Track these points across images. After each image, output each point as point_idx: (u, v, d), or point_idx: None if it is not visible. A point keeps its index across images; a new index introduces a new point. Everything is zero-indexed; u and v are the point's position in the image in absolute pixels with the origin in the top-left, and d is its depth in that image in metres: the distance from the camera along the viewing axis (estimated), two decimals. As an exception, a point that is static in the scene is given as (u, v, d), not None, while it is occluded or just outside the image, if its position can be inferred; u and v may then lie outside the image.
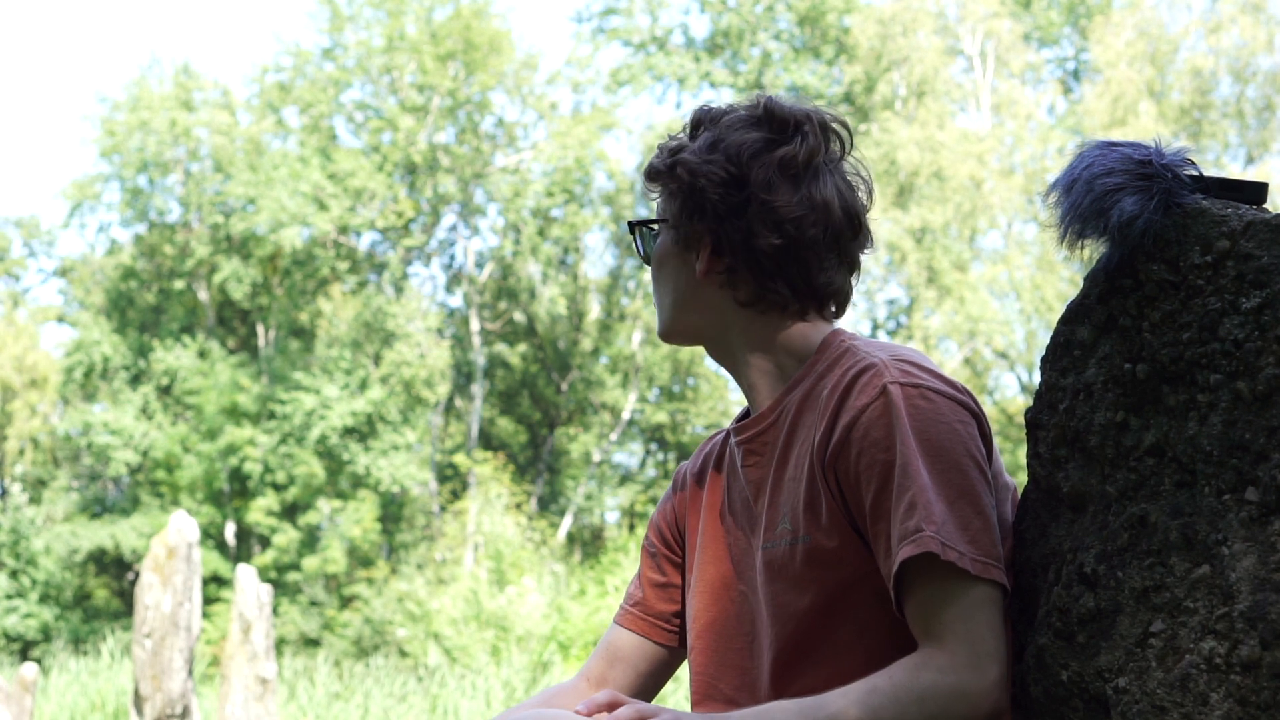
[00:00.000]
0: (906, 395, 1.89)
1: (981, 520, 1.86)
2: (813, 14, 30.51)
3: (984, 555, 1.84)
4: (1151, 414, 1.78)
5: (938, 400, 1.90)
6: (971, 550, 1.83)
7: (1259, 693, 1.63)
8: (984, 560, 1.84)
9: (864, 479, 1.89)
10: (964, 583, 1.83)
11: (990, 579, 1.84)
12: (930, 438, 1.88)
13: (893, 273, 27.61)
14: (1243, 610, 1.64)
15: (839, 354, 2.01)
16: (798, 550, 1.97)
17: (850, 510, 1.93)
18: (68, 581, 26.65)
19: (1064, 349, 1.91)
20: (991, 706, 1.83)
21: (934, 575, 1.83)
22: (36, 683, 10.02)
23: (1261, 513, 1.65)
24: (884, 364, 1.93)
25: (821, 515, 1.94)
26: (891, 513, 1.86)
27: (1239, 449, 1.68)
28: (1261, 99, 26.74)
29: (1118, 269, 1.83)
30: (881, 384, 1.90)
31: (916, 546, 1.82)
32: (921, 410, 1.89)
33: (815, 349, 2.03)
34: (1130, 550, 1.76)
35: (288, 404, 26.73)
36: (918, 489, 1.84)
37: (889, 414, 1.88)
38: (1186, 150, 1.83)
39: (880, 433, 1.88)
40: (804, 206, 2.00)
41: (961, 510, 1.85)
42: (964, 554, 1.82)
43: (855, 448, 1.90)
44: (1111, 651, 1.76)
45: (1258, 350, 1.69)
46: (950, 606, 1.83)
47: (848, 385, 1.93)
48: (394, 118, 28.46)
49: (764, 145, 2.01)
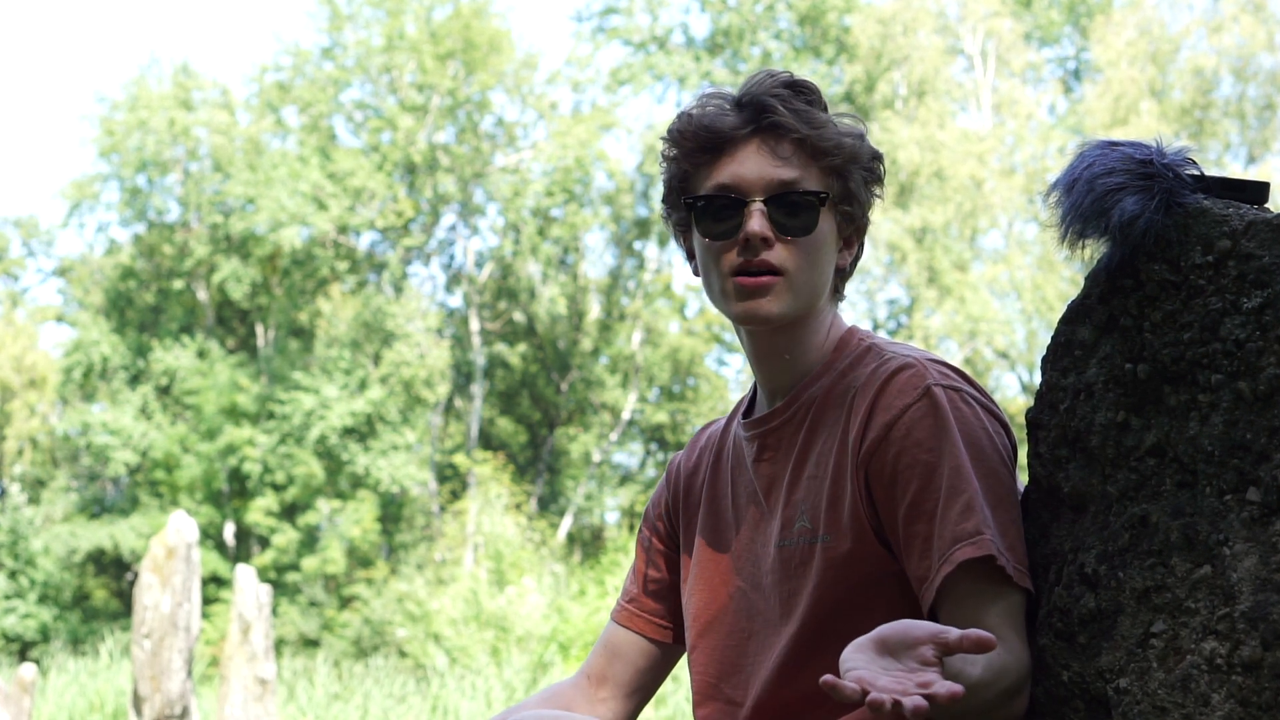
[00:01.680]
0: (950, 398, 1.90)
1: (1017, 528, 1.88)
2: (813, 13, 30.53)
3: (1021, 563, 1.86)
4: (1152, 414, 1.78)
5: (976, 406, 1.93)
6: (1012, 558, 1.85)
7: (1260, 693, 1.63)
8: (1021, 568, 1.86)
9: (902, 478, 1.89)
10: (1008, 588, 1.85)
11: (1025, 587, 1.86)
12: (974, 441, 1.89)
13: (893, 272, 27.62)
14: (1244, 611, 1.64)
15: (860, 352, 2.01)
16: (815, 549, 1.96)
17: (877, 510, 1.92)
18: (66, 582, 26.65)
19: (1065, 349, 1.91)
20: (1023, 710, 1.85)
21: (984, 579, 1.84)
22: (35, 683, 10.01)
23: (1263, 513, 1.65)
24: (923, 365, 1.93)
25: (844, 515, 1.94)
26: (938, 514, 1.85)
27: (1240, 449, 1.68)
28: (1263, 98, 26.74)
29: (1119, 269, 1.83)
30: (925, 384, 1.90)
31: (978, 548, 1.82)
32: (964, 414, 1.90)
33: (835, 344, 2.04)
34: (1131, 550, 1.76)
35: (287, 404, 26.74)
36: (972, 492, 1.85)
37: (934, 415, 1.89)
38: (1188, 150, 1.83)
39: (923, 433, 1.88)
40: None
41: (1002, 516, 1.87)
42: (1009, 561, 1.84)
43: (895, 446, 1.89)
44: (1113, 652, 1.76)
45: (1259, 350, 1.69)
46: (997, 609, 1.84)
47: (883, 383, 1.93)
48: (393, 117, 28.47)
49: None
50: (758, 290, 1.97)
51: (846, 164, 2.00)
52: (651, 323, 29.29)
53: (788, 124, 1.97)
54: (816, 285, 2.00)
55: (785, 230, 1.97)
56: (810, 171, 1.98)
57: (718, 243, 1.99)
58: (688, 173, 2.03)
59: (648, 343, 29.25)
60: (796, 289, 1.98)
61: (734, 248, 1.98)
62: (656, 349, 29.21)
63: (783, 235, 1.97)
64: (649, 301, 29.40)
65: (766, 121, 1.97)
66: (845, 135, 2.00)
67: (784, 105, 1.97)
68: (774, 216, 1.97)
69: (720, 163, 1.99)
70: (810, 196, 1.97)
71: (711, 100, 2.03)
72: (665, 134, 2.06)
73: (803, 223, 1.97)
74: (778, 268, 1.97)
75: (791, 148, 1.97)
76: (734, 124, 1.99)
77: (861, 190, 2.02)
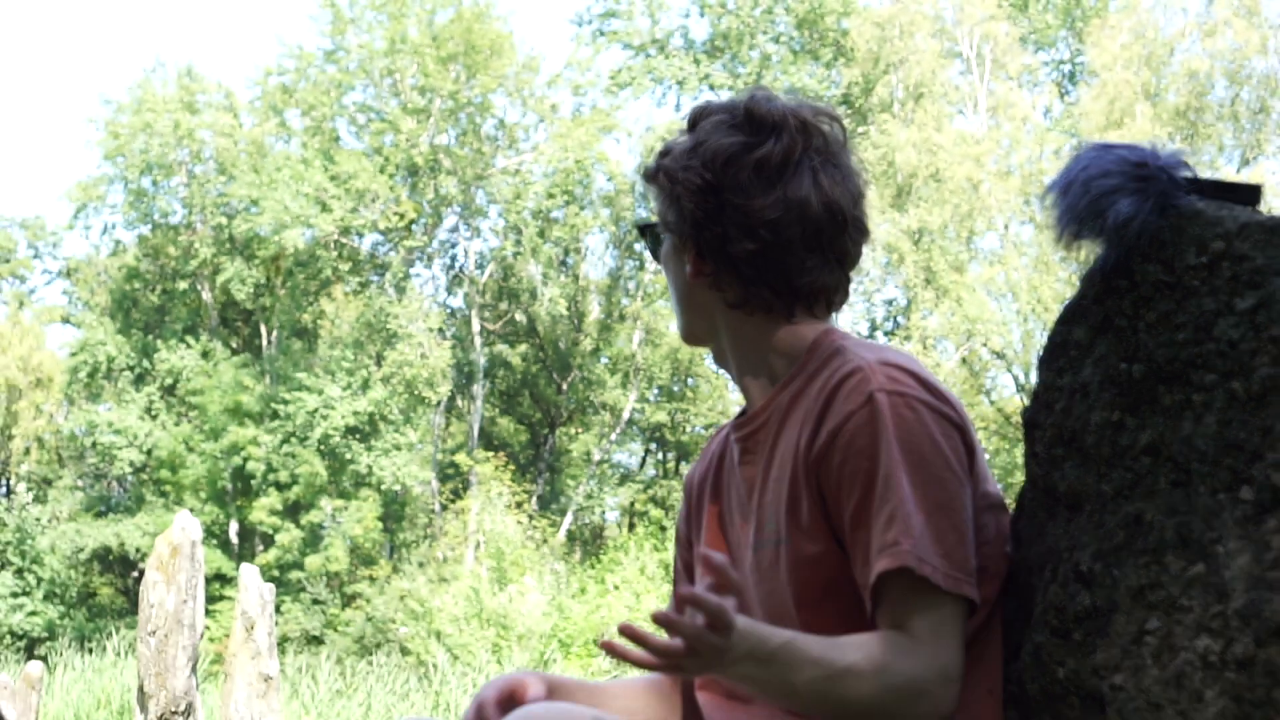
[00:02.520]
0: (892, 404, 1.87)
1: (957, 534, 1.85)
2: (811, 16, 30.48)
3: (956, 569, 1.84)
4: (1147, 414, 1.78)
5: (922, 410, 1.88)
6: (945, 565, 1.83)
7: (1253, 690, 1.63)
8: (956, 575, 1.83)
9: (846, 487, 1.88)
10: (935, 596, 1.83)
11: (960, 594, 1.84)
12: (913, 448, 1.86)
13: (890, 274, 27.58)
14: (1237, 608, 1.64)
15: (829, 354, 1.98)
16: (781, 552, 1.96)
17: (830, 515, 1.92)
18: (73, 580, 26.65)
19: (1061, 349, 1.91)
20: (945, 710, 1.84)
21: (908, 588, 1.83)
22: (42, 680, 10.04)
23: (1256, 511, 1.65)
24: (871, 369, 1.90)
25: (803, 518, 1.94)
26: (872, 523, 1.85)
27: (1234, 448, 1.68)
28: (1256, 101, 26.71)
29: (1114, 270, 1.83)
30: (868, 391, 1.88)
31: (893, 559, 1.82)
32: (906, 420, 1.86)
33: (806, 349, 2.01)
34: (1126, 549, 1.77)
35: (290, 404, 26.71)
36: (898, 501, 1.83)
37: (874, 422, 1.86)
38: (1182, 152, 1.84)
39: (864, 441, 1.87)
40: (779, 208, 1.97)
41: (939, 523, 1.84)
42: (937, 568, 1.82)
43: (839, 455, 1.88)
44: (1107, 649, 1.76)
45: (1252, 350, 1.69)
46: (921, 617, 1.83)
47: (834, 389, 1.91)
48: (396, 120, 28.43)
49: (740, 149, 1.98)
50: None
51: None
52: (651, 323, 29.26)
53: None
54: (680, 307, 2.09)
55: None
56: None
57: None
58: None
59: (648, 343, 29.22)
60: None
61: None
62: (656, 349, 29.18)
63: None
64: (649, 302, 29.37)
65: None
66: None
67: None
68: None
69: None
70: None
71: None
72: None
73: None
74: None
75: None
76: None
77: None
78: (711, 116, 2.03)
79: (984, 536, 1.93)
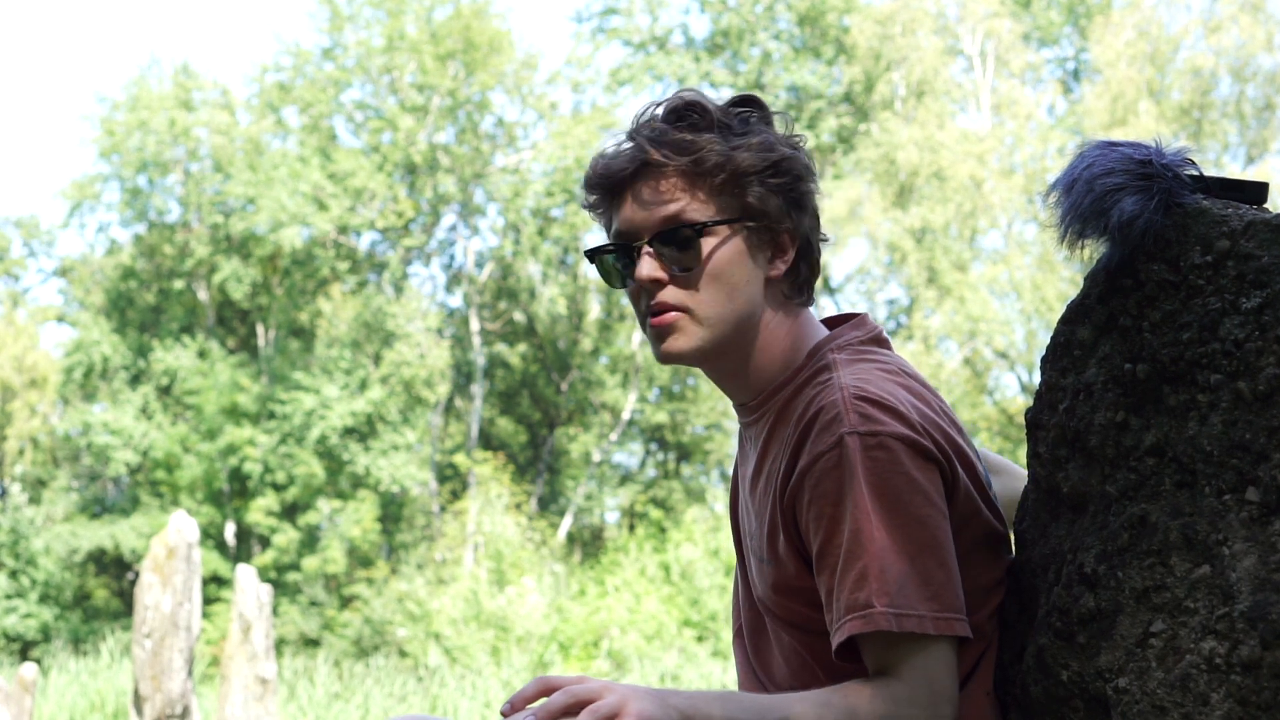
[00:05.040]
0: (864, 445, 1.82)
1: (944, 573, 1.82)
2: (812, 14, 30.51)
3: (946, 610, 1.81)
4: (1152, 414, 1.77)
5: (896, 448, 1.82)
6: (933, 608, 1.80)
7: (1259, 693, 1.62)
8: (946, 617, 1.81)
9: (813, 527, 1.85)
10: (923, 642, 1.81)
11: (951, 635, 1.82)
12: (888, 492, 1.81)
13: (893, 273, 27.62)
14: (1243, 610, 1.64)
15: (819, 368, 1.95)
16: (765, 571, 1.96)
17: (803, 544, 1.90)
18: (67, 581, 26.64)
19: (1064, 349, 1.90)
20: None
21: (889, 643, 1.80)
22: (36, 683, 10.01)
23: (1262, 513, 1.65)
24: (845, 406, 1.85)
25: (779, 545, 1.92)
26: (838, 576, 1.82)
27: (1239, 449, 1.68)
28: (1261, 98, 26.73)
29: (1118, 269, 1.83)
30: (839, 433, 1.83)
31: (866, 624, 1.79)
32: (879, 462, 1.82)
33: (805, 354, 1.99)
34: (1130, 550, 1.76)
35: (287, 404, 26.73)
36: (870, 557, 1.80)
37: (841, 468, 1.82)
38: (1187, 150, 1.83)
39: (830, 485, 1.83)
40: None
41: (924, 565, 1.81)
42: (924, 616, 1.79)
43: (807, 494, 1.85)
44: (1112, 651, 1.76)
45: (1258, 350, 1.68)
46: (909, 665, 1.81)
47: (809, 422, 1.88)
48: (394, 117, 28.46)
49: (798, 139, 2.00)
50: (664, 329, 1.94)
51: (737, 179, 1.92)
52: (652, 323, 29.26)
53: (660, 159, 1.92)
54: (727, 313, 1.94)
55: (677, 265, 1.93)
56: (696, 198, 1.92)
57: (628, 292, 1.99)
58: (606, 224, 2.01)
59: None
60: (706, 320, 1.94)
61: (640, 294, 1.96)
62: (656, 349, 29.18)
63: (676, 271, 1.93)
64: (648, 304, 29.37)
65: (641, 161, 1.93)
66: (735, 149, 1.93)
67: (659, 140, 1.93)
68: (665, 254, 1.93)
69: (620, 208, 1.96)
70: (689, 229, 1.92)
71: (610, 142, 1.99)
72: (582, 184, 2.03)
73: (689, 257, 1.93)
74: (676, 306, 1.93)
75: (671, 180, 1.93)
76: (621, 166, 1.94)
77: (769, 200, 1.94)
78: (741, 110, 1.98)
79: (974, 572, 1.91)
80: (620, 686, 1.69)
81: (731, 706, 1.74)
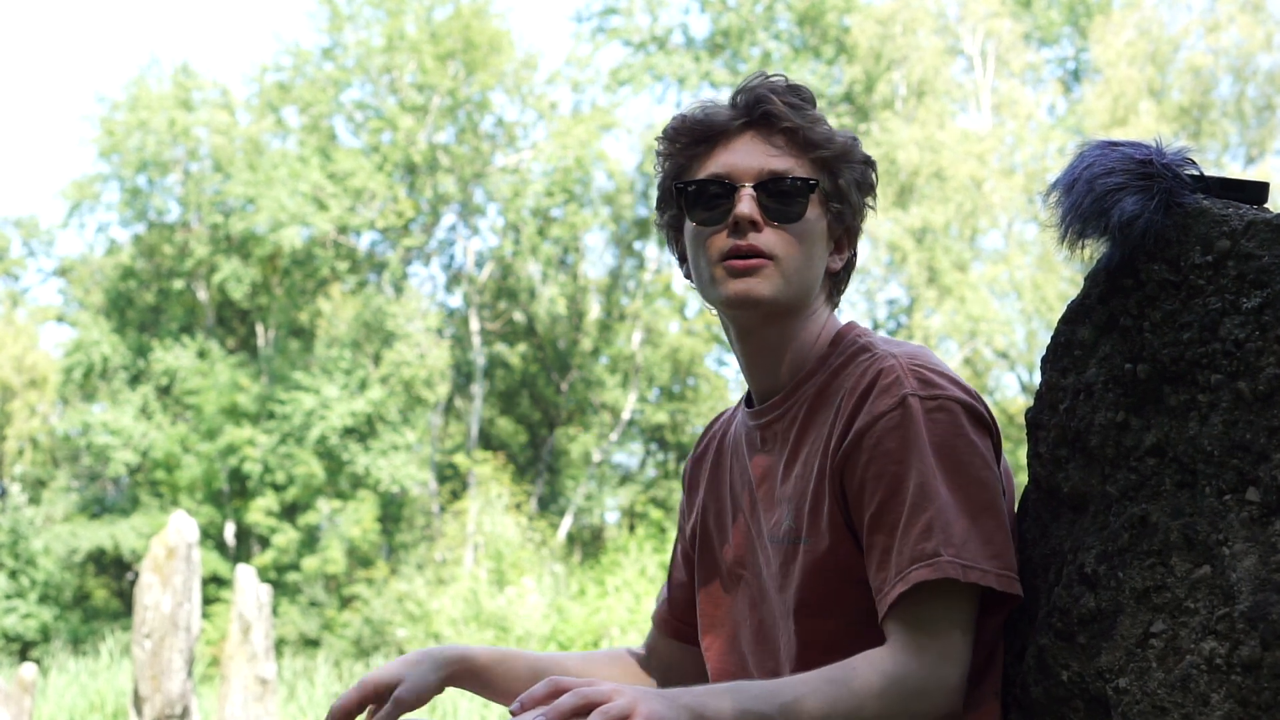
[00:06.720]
0: (926, 408, 1.87)
1: (1003, 534, 1.86)
2: (812, 13, 30.51)
3: (1007, 569, 1.85)
4: (1152, 414, 1.78)
5: (957, 410, 1.89)
6: (997, 565, 1.84)
7: (1260, 693, 1.62)
8: (1008, 574, 1.85)
9: (870, 487, 1.88)
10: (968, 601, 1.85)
11: (1013, 592, 1.85)
12: (951, 452, 1.86)
13: (893, 272, 27.62)
14: (1244, 611, 1.64)
15: (853, 350, 2.00)
16: (799, 550, 1.96)
17: (850, 514, 1.91)
18: (67, 582, 26.63)
19: (1065, 349, 1.91)
20: (949, 708, 1.83)
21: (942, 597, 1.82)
22: (35, 683, 10.01)
23: (1262, 513, 1.65)
24: (903, 370, 1.90)
25: (823, 518, 1.93)
26: (900, 529, 1.84)
27: (1240, 449, 1.68)
28: (1261, 98, 26.75)
29: (1119, 269, 1.83)
30: (901, 394, 1.88)
31: (934, 570, 1.81)
32: (941, 424, 1.87)
33: (831, 341, 2.03)
34: (1131, 550, 1.76)
35: (287, 404, 26.72)
36: (937, 510, 1.83)
37: (905, 427, 1.86)
38: (1187, 150, 1.83)
39: (894, 444, 1.86)
40: None
41: (985, 525, 1.85)
42: (988, 571, 1.83)
43: (866, 454, 1.88)
44: (1112, 652, 1.76)
45: (1258, 350, 1.68)
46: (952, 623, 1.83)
47: (865, 389, 1.91)
48: (393, 117, 28.46)
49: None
50: (748, 271, 1.97)
51: (837, 160, 2.01)
52: (651, 323, 29.28)
53: (780, 114, 1.99)
54: (807, 274, 1.99)
55: (775, 216, 1.97)
56: (802, 163, 1.99)
57: (707, 229, 2.00)
58: (682, 166, 2.05)
59: (648, 343, 29.23)
60: (787, 275, 1.98)
61: (723, 232, 1.98)
62: (656, 349, 29.20)
63: (771, 221, 1.97)
64: (649, 301, 29.39)
65: (760, 112, 2.00)
66: (838, 133, 2.02)
67: (779, 99, 2.00)
68: (764, 202, 1.98)
69: (714, 154, 2.02)
70: (800, 184, 1.98)
71: (706, 101, 2.06)
72: (660, 134, 2.07)
73: (792, 210, 1.98)
74: (766, 252, 1.97)
75: (784, 139, 2.00)
76: (728, 117, 2.02)
77: (852, 191, 2.02)
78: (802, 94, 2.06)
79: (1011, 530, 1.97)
80: (630, 688, 1.71)
81: (742, 697, 1.75)
